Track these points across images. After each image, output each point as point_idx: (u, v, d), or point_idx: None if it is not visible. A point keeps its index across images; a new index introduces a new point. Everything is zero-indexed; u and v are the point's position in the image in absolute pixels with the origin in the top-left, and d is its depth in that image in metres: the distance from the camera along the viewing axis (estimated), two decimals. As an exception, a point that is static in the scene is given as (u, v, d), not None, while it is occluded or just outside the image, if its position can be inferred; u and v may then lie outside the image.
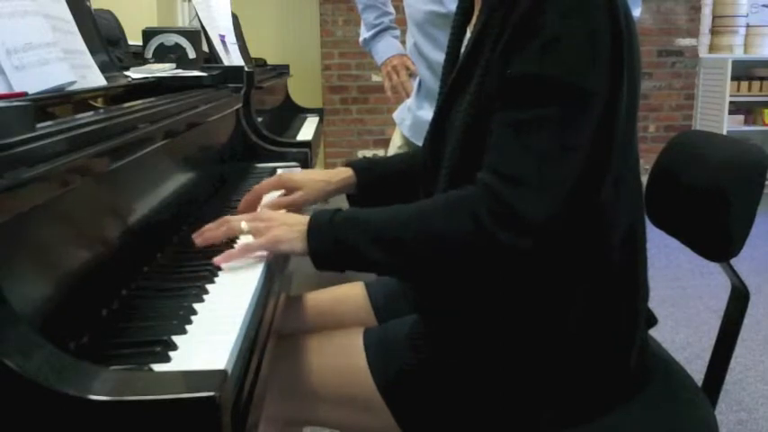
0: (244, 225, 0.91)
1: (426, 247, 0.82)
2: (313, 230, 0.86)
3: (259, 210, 1.07)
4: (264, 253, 0.91)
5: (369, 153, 4.52)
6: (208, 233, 0.93)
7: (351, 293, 1.19)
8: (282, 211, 1.02)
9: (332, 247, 0.85)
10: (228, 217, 0.94)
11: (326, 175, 1.14)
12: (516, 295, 0.88)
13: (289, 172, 1.14)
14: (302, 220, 0.87)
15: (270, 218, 0.92)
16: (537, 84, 0.80)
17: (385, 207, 0.87)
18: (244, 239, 0.96)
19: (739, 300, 1.04)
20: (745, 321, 1.03)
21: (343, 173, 1.15)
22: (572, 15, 0.80)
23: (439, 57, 1.79)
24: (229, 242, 0.96)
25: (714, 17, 4.64)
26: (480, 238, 0.79)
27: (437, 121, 0.98)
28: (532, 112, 0.80)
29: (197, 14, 1.87)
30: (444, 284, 0.91)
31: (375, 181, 1.16)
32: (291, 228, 0.87)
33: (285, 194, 1.12)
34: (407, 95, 1.98)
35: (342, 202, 1.07)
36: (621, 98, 0.82)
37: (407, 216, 0.84)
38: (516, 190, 0.79)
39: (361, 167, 1.16)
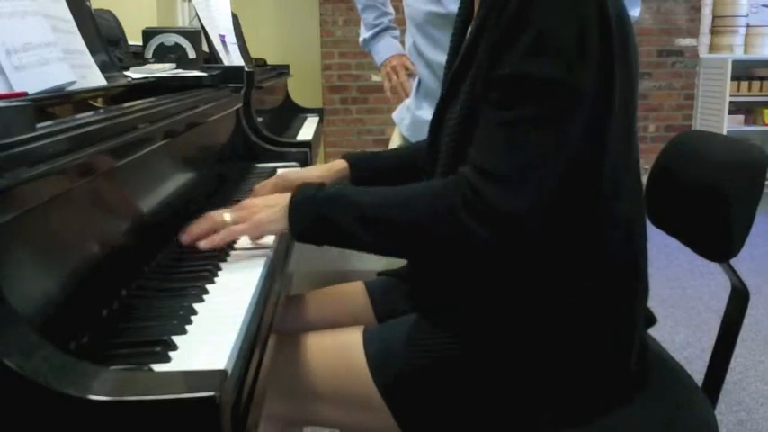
0: (227, 216, 0.92)
1: (405, 229, 0.85)
2: (295, 206, 0.89)
3: None
4: (267, 249, 0.92)
5: (369, 153, 4.52)
6: (195, 229, 0.93)
7: (350, 293, 1.19)
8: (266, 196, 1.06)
9: (312, 221, 0.88)
10: (212, 212, 0.94)
11: (323, 171, 1.18)
12: (516, 294, 0.88)
13: (287, 171, 1.16)
14: (284, 198, 0.90)
15: (252, 205, 0.94)
16: (525, 82, 0.80)
17: (370, 188, 0.90)
18: (241, 241, 0.97)
19: (739, 300, 1.04)
20: (745, 321, 1.03)
21: (339, 165, 1.19)
22: (560, 13, 0.79)
23: (438, 57, 1.79)
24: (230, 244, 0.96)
25: (714, 17, 4.64)
26: (454, 228, 0.82)
27: (436, 119, 0.99)
28: (519, 110, 0.81)
29: (197, 14, 1.87)
30: (422, 264, 0.96)
31: (368, 174, 1.19)
32: (274, 208, 0.90)
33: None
34: (407, 95, 1.98)
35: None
36: (613, 96, 0.82)
37: (392, 199, 0.87)
38: (494, 185, 0.80)
39: (356, 161, 1.20)
